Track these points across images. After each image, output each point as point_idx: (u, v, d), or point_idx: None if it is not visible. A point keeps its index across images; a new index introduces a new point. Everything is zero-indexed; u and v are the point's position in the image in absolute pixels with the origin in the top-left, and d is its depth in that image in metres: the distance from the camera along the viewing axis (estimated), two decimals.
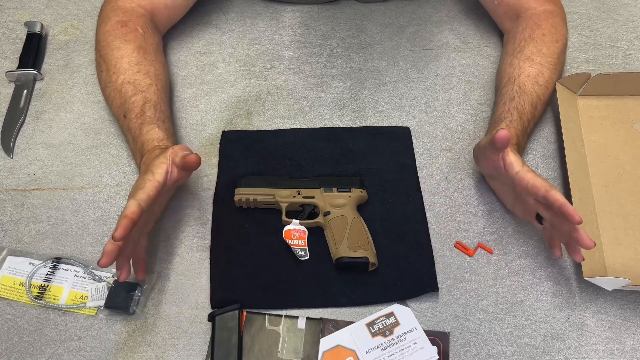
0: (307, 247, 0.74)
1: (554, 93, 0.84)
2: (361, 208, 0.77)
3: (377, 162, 0.83)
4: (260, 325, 0.71)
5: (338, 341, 0.68)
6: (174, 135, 0.79)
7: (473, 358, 0.69)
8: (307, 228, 0.75)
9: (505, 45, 0.90)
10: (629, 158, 0.82)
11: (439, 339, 0.69)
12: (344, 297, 0.72)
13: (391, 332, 0.69)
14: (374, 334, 0.69)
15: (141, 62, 0.80)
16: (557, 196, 0.63)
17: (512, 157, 0.68)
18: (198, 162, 0.68)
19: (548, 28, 0.84)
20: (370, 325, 0.69)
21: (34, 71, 0.90)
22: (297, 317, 0.71)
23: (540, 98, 0.81)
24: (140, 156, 0.74)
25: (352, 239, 0.73)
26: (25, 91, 0.89)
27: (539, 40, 0.83)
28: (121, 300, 0.71)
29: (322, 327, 0.69)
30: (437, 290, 0.73)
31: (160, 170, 0.67)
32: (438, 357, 0.68)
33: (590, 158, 0.82)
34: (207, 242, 0.77)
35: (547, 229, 0.71)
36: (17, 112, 0.87)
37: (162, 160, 0.68)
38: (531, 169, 0.67)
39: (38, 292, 0.72)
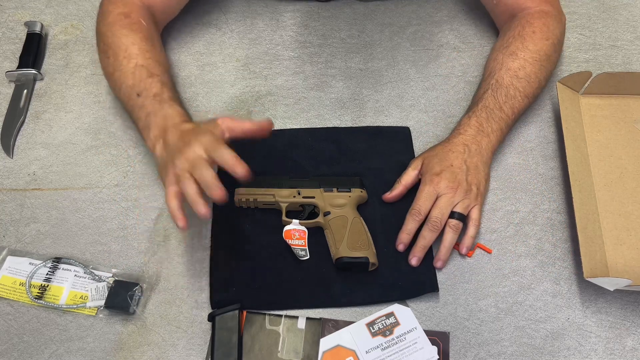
0: (307, 247, 0.74)
1: (548, 91, 0.83)
2: (361, 208, 0.77)
3: (377, 162, 0.82)
4: (260, 325, 0.71)
5: (338, 341, 0.68)
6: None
7: (473, 358, 0.69)
8: (307, 228, 0.75)
9: (496, 41, 0.90)
10: (631, 158, 0.82)
11: (439, 339, 0.69)
12: (344, 297, 0.72)
13: (391, 332, 0.69)
14: (374, 334, 0.69)
15: (151, 50, 0.79)
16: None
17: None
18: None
19: (539, 27, 0.84)
20: (370, 325, 0.69)
21: (34, 71, 0.90)
22: (297, 317, 0.71)
23: (520, 90, 0.81)
24: (163, 127, 0.71)
25: (352, 239, 0.73)
26: (25, 91, 0.89)
27: (528, 37, 0.83)
28: (121, 300, 0.71)
29: (322, 327, 0.69)
30: (437, 290, 0.73)
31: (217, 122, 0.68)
32: (438, 357, 0.67)
33: (592, 157, 0.82)
34: (207, 242, 0.77)
35: None
36: (17, 112, 0.87)
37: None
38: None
39: (38, 292, 0.72)
